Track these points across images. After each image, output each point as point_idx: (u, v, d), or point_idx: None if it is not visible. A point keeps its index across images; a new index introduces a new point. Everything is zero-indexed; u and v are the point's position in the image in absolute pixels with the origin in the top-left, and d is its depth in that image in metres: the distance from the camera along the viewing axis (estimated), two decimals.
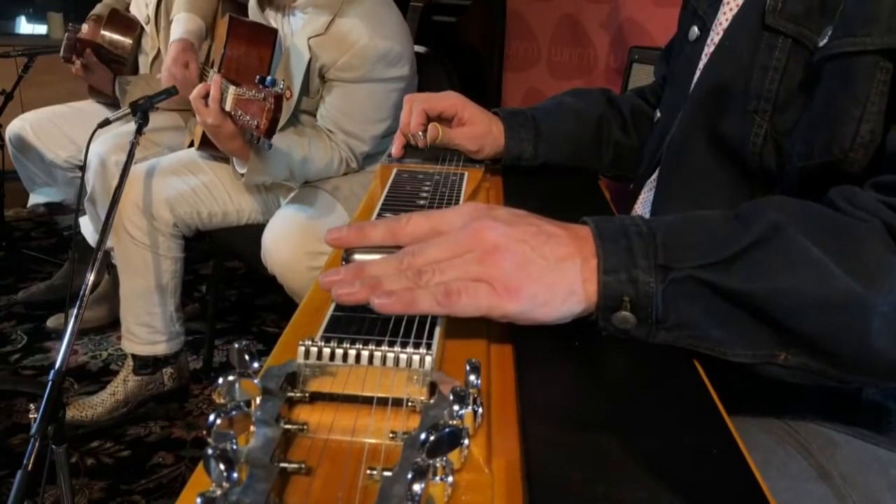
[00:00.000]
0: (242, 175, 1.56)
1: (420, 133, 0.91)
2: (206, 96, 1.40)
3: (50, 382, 1.06)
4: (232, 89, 1.37)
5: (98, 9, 2.09)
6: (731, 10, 0.74)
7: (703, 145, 0.73)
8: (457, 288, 0.48)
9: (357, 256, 0.53)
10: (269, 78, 1.32)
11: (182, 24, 1.74)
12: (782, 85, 0.66)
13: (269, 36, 1.61)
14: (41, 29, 3.55)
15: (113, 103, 2.00)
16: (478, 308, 0.48)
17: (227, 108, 1.38)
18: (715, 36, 0.76)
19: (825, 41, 0.61)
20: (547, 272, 0.50)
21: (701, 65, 0.78)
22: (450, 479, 0.35)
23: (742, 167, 0.69)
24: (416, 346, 0.42)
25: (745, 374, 0.64)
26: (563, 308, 0.51)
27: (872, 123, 0.58)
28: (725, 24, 0.74)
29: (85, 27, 1.99)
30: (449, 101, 0.94)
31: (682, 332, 0.51)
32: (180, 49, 1.64)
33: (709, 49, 0.77)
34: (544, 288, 0.50)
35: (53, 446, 1.05)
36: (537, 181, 0.97)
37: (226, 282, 2.47)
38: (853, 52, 0.58)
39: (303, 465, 0.36)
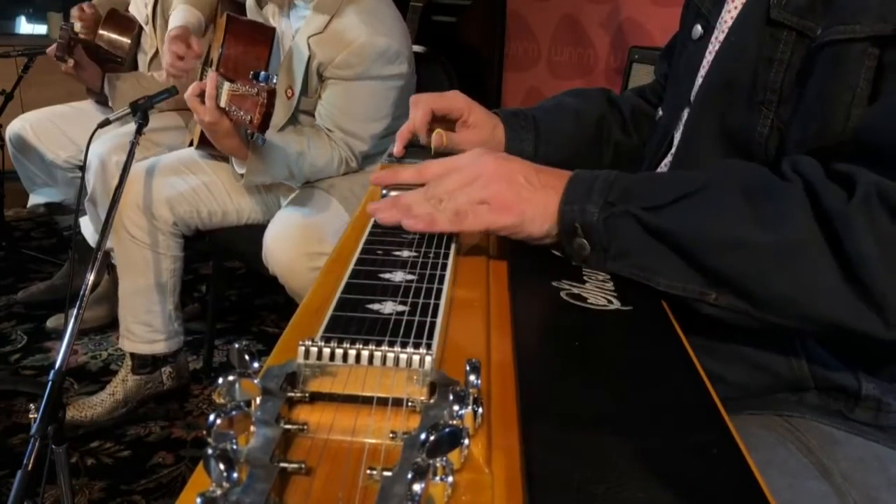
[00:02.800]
0: (242, 175, 1.56)
1: (424, 132, 0.91)
2: (201, 94, 1.40)
3: (50, 382, 1.07)
4: (227, 85, 1.38)
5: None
6: (735, 7, 0.75)
7: (711, 140, 0.74)
8: (465, 210, 0.63)
9: (393, 193, 0.70)
10: (262, 73, 1.33)
11: (181, 15, 1.75)
12: (787, 76, 0.67)
13: (266, 34, 1.61)
14: (41, 29, 3.55)
15: (106, 102, 2.00)
16: (481, 223, 0.63)
17: (222, 104, 1.39)
18: (720, 34, 0.76)
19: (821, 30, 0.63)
20: (534, 194, 0.63)
21: (706, 62, 0.78)
22: (450, 479, 0.35)
23: (748, 158, 0.70)
24: (416, 346, 0.42)
25: (744, 368, 0.65)
26: (546, 225, 0.63)
27: (863, 109, 0.59)
28: (731, 22, 0.75)
29: (78, 25, 1.98)
30: (456, 102, 0.94)
31: (625, 262, 0.62)
32: (179, 31, 1.65)
33: (714, 46, 0.77)
34: (531, 205, 0.63)
35: (53, 446, 1.05)
36: None
37: (226, 282, 2.47)
38: (843, 40, 0.60)
39: (303, 465, 0.36)
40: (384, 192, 0.72)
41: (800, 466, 0.62)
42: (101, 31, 1.98)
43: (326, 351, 0.43)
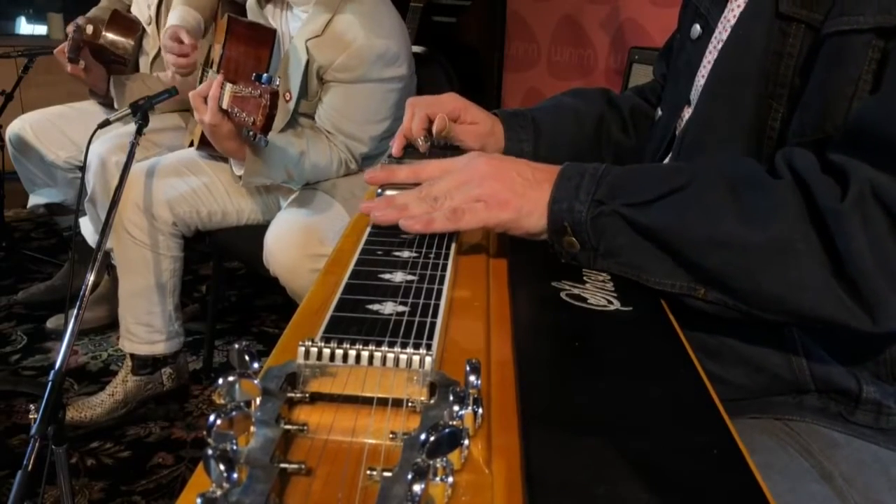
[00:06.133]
0: (241, 177, 1.56)
1: (421, 139, 0.91)
2: (205, 95, 1.41)
3: (50, 383, 1.06)
4: (229, 87, 1.38)
5: (94, 12, 2.09)
6: (738, 6, 0.74)
7: (719, 136, 0.74)
8: (462, 209, 0.63)
9: (388, 192, 0.70)
10: (265, 75, 1.33)
11: (178, 15, 1.75)
12: (797, 70, 0.66)
13: (267, 36, 1.61)
14: (41, 29, 3.55)
15: (110, 103, 2.00)
16: (479, 221, 0.63)
17: (224, 105, 1.39)
18: (722, 32, 0.76)
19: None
20: (529, 189, 0.64)
21: (706, 61, 0.78)
22: (450, 479, 0.35)
23: (759, 153, 0.70)
24: (416, 346, 0.42)
25: (744, 370, 0.66)
26: (542, 220, 0.63)
27: (864, 101, 0.59)
28: (734, 21, 0.74)
29: (90, 28, 1.99)
30: (451, 104, 0.94)
31: (613, 260, 0.62)
32: (172, 31, 1.66)
33: (716, 45, 0.77)
34: (528, 201, 0.63)
35: (53, 447, 1.05)
36: None
37: (226, 282, 2.47)
38: (846, 31, 0.60)
39: (303, 466, 0.36)
40: (379, 191, 0.72)
41: (801, 470, 0.62)
42: (104, 33, 1.98)
43: (326, 351, 0.43)
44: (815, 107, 0.63)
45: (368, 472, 0.36)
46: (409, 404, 0.41)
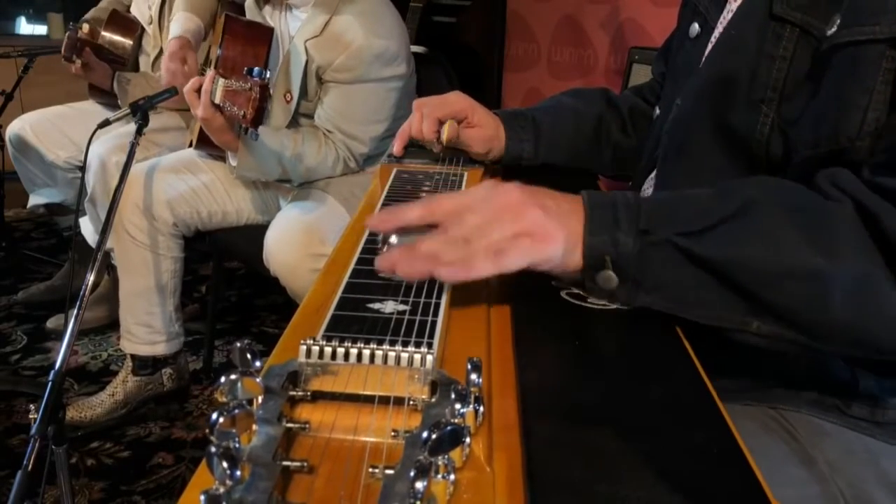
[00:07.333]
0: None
1: (435, 140, 0.92)
2: (199, 89, 1.43)
3: (50, 383, 1.06)
4: (221, 82, 1.40)
5: (93, 12, 2.09)
6: (736, 5, 0.74)
7: (706, 136, 0.73)
8: (504, 247, 0.54)
9: (393, 240, 0.58)
10: (256, 69, 1.34)
11: (180, 23, 1.75)
12: (789, 74, 0.66)
13: (264, 34, 1.61)
14: (41, 29, 3.55)
15: (113, 103, 2.00)
16: (525, 258, 0.54)
17: (217, 100, 1.41)
18: (720, 32, 0.76)
19: (834, 30, 0.61)
20: (566, 219, 0.56)
21: (703, 60, 0.78)
22: (451, 477, 0.35)
23: (748, 157, 0.69)
24: (418, 344, 0.43)
25: (741, 361, 0.65)
26: (577, 254, 0.56)
27: (879, 112, 0.58)
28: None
29: (86, 27, 1.99)
30: (458, 105, 0.94)
31: (660, 294, 0.56)
32: (177, 46, 1.67)
33: (712, 44, 0.77)
34: (570, 233, 0.56)
35: (53, 447, 1.05)
36: (537, 181, 0.96)
37: (226, 282, 2.47)
38: (861, 42, 0.59)
39: (305, 464, 0.37)
40: (382, 239, 0.59)
41: (782, 454, 0.63)
42: (103, 33, 1.99)
43: (328, 350, 0.43)
44: (828, 118, 0.61)
45: (370, 469, 0.36)
46: (411, 402, 0.41)
